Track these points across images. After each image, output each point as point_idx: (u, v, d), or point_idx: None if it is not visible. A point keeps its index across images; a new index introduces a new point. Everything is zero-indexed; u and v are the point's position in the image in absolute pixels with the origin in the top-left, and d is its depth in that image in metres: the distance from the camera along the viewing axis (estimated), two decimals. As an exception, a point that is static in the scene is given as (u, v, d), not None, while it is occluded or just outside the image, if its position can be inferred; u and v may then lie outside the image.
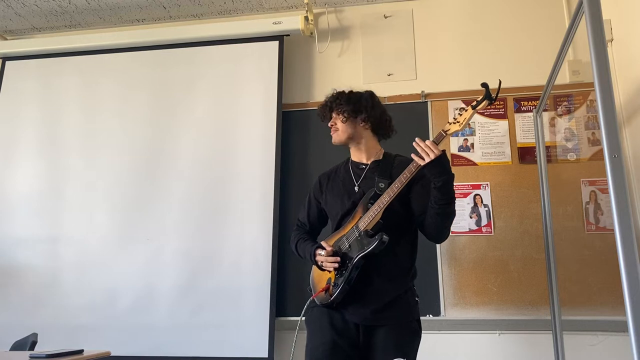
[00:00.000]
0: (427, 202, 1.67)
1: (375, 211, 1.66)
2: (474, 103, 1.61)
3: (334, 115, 1.88)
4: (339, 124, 1.86)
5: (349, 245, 1.70)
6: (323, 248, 1.75)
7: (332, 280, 1.71)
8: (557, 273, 2.30)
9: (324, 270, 1.76)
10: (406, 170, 1.65)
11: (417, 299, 1.75)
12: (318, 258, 1.76)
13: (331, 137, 1.90)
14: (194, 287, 2.65)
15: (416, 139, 1.62)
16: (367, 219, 1.68)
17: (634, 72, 2.34)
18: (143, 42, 3.05)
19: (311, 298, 1.74)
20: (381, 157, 1.86)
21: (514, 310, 2.42)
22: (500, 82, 1.60)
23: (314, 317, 1.76)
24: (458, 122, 1.61)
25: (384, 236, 1.61)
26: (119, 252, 2.77)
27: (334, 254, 1.72)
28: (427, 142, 1.59)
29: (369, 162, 1.85)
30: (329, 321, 1.71)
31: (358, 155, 1.89)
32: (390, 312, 1.67)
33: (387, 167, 1.79)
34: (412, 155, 1.62)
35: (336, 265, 1.70)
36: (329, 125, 1.90)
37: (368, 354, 1.66)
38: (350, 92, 1.88)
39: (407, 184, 1.68)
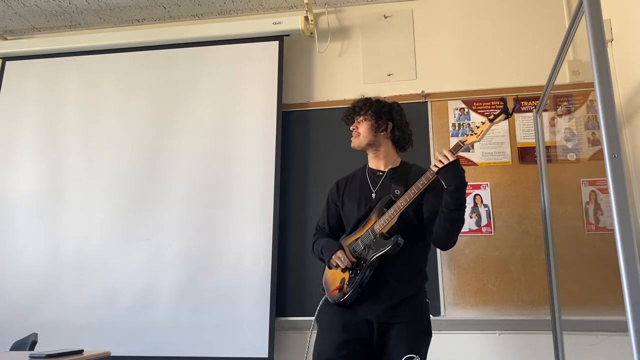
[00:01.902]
0: (437, 210, 1.73)
1: (391, 215, 1.72)
2: (492, 117, 1.70)
3: (358, 119, 1.91)
4: (362, 129, 1.89)
5: (364, 247, 1.76)
6: (344, 252, 1.79)
7: (347, 279, 1.77)
8: (557, 273, 2.30)
9: (331, 268, 1.82)
10: (423, 177, 1.71)
11: (428, 300, 1.83)
12: (335, 257, 1.79)
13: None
14: (194, 287, 2.65)
15: (436, 153, 1.70)
16: (382, 222, 1.74)
17: (634, 72, 2.34)
18: (143, 42, 3.05)
19: (325, 297, 1.79)
20: (398, 165, 1.91)
21: (513, 310, 2.42)
22: (516, 99, 1.68)
23: (324, 314, 1.80)
24: (475, 134, 1.69)
25: (400, 238, 1.69)
26: (119, 252, 2.77)
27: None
28: (444, 150, 1.67)
29: (385, 170, 1.90)
30: (340, 318, 1.76)
31: (375, 163, 1.93)
32: (403, 310, 1.73)
33: (403, 175, 1.84)
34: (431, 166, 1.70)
35: (348, 264, 1.75)
36: (351, 128, 1.93)
37: (380, 351, 1.71)
38: (378, 100, 1.93)
39: (421, 194, 1.75)
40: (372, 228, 1.77)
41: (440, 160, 1.65)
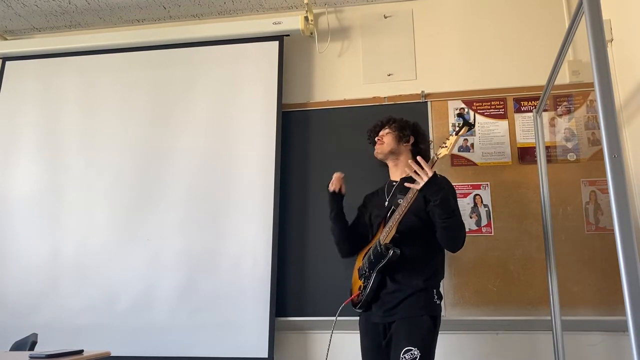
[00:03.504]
0: None
1: (390, 227, 1.89)
2: (457, 129, 1.85)
3: (383, 132, 2.11)
4: (387, 139, 2.08)
5: (373, 257, 1.92)
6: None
7: (362, 287, 1.97)
8: (557, 273, 2.30)
9: (339, 195, 2.11)
10: (409, 192, 1.84)
11: (435, 299, 1.91)
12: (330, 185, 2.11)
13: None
14: (194, 287, 2.65)
15: (409, 161, 1.84)
16: (384, 233, 1.91)
17: (634, 72, 2.35)
18: (143, 42, 3.05)
19: (344, 304, 2.02)
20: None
21: (513, 310, 2.42)
22: (474, 113, 1.97)
23: (360, 325, 2.05)
24: (447, 147, 1.82)
25: (393, 251, 1.84)
26: (119, 252, 2.77)
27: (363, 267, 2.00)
28: (422, 166, 1.78)
29: (399, 180, 2.05)
30: (364, 324, 2.01)
31: (394, 173, 2.11)
32: (401, 307, 1.87)
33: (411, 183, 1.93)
34: (406, 184, 1.84)
35: (335, 183, 2.08)
36: (377, 139, 2.12)
37: (388, 349, 1.88)
38: (402, 117, 2.16)
39: (424, 199, 1.89)
40: (378, 239, 1.92)
41: (419, 176, 1.77)
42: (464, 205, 2.58)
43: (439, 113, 2.73)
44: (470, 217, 2.56)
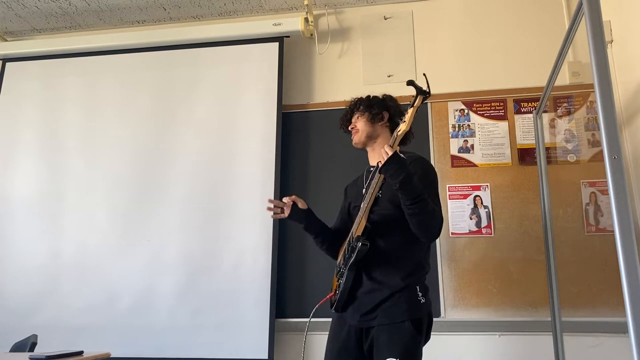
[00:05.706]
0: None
1: (360, 217, 1.72)
2: (411, 101, 1.65)
3: (354, 118, 1.91)
4: (359, 125, 1.88)
5: (347, 252, 1.75)
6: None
7: (338, 286, 1.78)
8: (557, 274, 2.30)
9: (297, 213, 1.86)
10: (371, 182, 1.70)
11: (419, 298, 1.68)
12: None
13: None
14: (194, 288, 2.65)
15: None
16: (355, 225, 1.73)
17: (634, 74, 2.35)
18: (143, 43, 3.05)
19: (318, 305, 1.83)
20: None
21: (514, 311, 2.42)
22: (425, 74, 1.69)
23: (332, 322, 1.84)
24: (405, 121, 1.62)
25: (360, 244, 1.65)
26: (119, 253, 2.77)
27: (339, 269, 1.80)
28: (385, 146, 1.60)
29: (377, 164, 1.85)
30: (339, 326, 1.78)
31: (372, 158, 1.90)
32: (378, 313, 1.67)
33: None
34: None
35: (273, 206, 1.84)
36: (350, 128, 1.92)
37: (370, 355, 1.68)
38: (369, 96, 1.93)
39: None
40: (352, 231, 1.76)
41: (382, 157, 1.58)
42: (464, 206, 2.58)
43: (439, 114, 2.73)
44: (471, 218, 2.56)
